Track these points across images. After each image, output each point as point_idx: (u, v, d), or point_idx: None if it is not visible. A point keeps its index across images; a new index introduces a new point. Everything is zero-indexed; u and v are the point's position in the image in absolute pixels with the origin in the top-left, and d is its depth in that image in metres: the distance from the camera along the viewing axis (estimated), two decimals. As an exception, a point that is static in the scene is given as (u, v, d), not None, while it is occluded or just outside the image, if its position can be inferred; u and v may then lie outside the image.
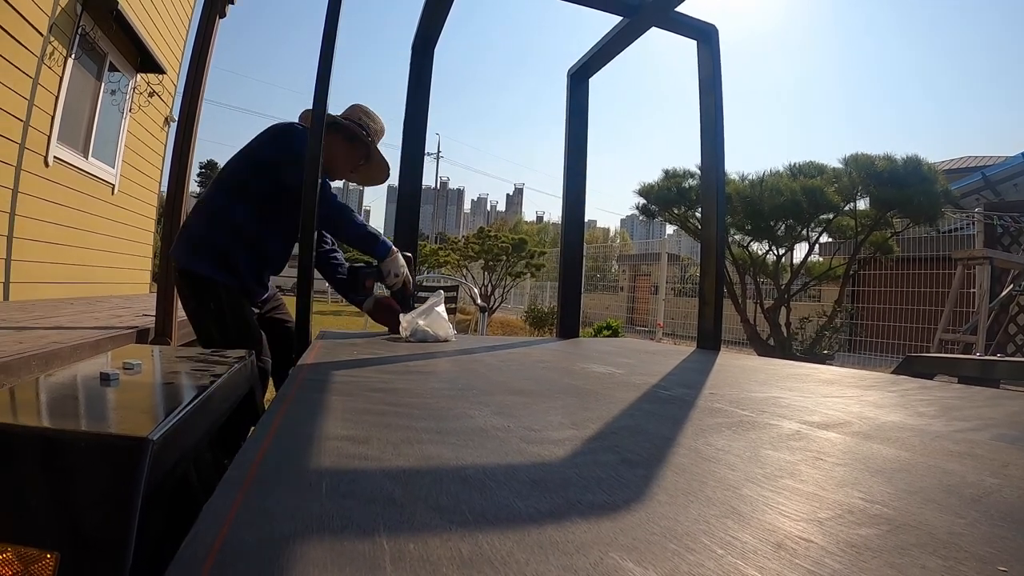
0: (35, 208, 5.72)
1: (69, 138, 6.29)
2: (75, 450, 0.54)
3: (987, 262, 6.64)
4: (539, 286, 18.43)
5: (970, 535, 0.53)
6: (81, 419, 0.64)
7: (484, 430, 0.85)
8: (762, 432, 0.93)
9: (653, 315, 14.10)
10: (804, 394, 1.39)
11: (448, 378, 1.40)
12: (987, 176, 10.94)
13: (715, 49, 2.86)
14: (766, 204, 7.36)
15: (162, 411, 0.65)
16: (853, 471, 0.73)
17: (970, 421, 1.11)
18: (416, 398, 1.10)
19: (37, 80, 5.50)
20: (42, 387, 0.78)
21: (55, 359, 2.66)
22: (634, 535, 0.49)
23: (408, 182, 2.73)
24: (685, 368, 1.89)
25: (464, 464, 0.69)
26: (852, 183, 7.35)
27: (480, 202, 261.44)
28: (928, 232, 9.37)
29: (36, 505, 0.53)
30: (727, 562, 0.44)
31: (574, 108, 3.26)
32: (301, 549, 0.43)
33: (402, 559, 0.42)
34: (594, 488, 0.61)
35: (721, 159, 2.84)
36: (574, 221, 3.26)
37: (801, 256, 8.25)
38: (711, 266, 2.83)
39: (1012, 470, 0.76)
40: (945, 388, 1.65)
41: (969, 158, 18.55)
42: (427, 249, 18.31)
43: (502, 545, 0.46)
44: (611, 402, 1.17)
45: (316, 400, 1.02)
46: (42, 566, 0.51)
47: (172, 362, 1.07)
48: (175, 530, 0.52)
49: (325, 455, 0.68)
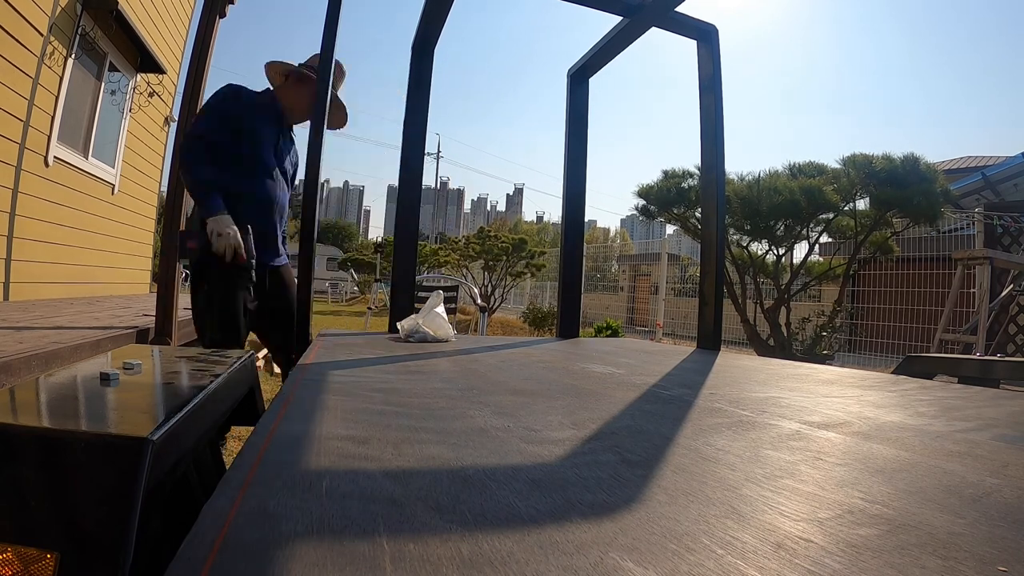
0: (35, 208, 5.72)
1: (69, 138, 6.29)
2: (75, 450, 0.54)
3: (987, 262, 6.64)
4: (539, 286, 18.44)
5: (970, 535, 0.53)
6: (81, 419, 0.64)
7: (484, 430, 0.85)
8: (762, 432, 0.93)
9: (653, 315, 14.09)
10: (804, 394, 1.39)
11: (448, 378, 1.40)
12: (987, 176, 10.94)
13: (715, 49, 2.86)
14: (764, 204, 7.36)
15: (162, 411, 0.65)
16: (853, 471, 0.73)
17: (970, 421, 1.11)
18: (416, 398, 1.10)
19: (37, 80, 5.50)
20: (42, 387, 0.78)
21: (55, 359, 2.66)
22: (634, 535, 0.49)
23: (408, 182, 2.72)
24: (685, 368, 1.89)
25: (464, 464, 0.69)
26: (851, 183, 7.35)
27: (480, 202, 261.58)
28: (928, 232, 9.37)
29: (36, 505, 0.53)
30: (727, 562, 0.45)
31: (574, 108, 3.26)
32: (301, 549, 0.44)
33: (402, 559, 0.42)
34: (594, 488, 0.61)
35: (721, 159, 2.84)
36: (574, 221, 3.26)
37: (801, 256, 8.25)
38: (711, 266, 2.83)
39: (1012, 470, 0.76)
40: (945, 388, 1.65)
41: (969, 158, 18.56)
42: (427, 249, 18.33)
43: (502, 545, 0.46)
44: (611, 402, 1.17)
45: (316, 400, 1.02)
46: (42, 566, 0.51)
47: (172, 362, 1.07)
48: (175, 530, 0.52)
49: (325, 455, 0.68)
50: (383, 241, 16.07)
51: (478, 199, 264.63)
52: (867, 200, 7.66)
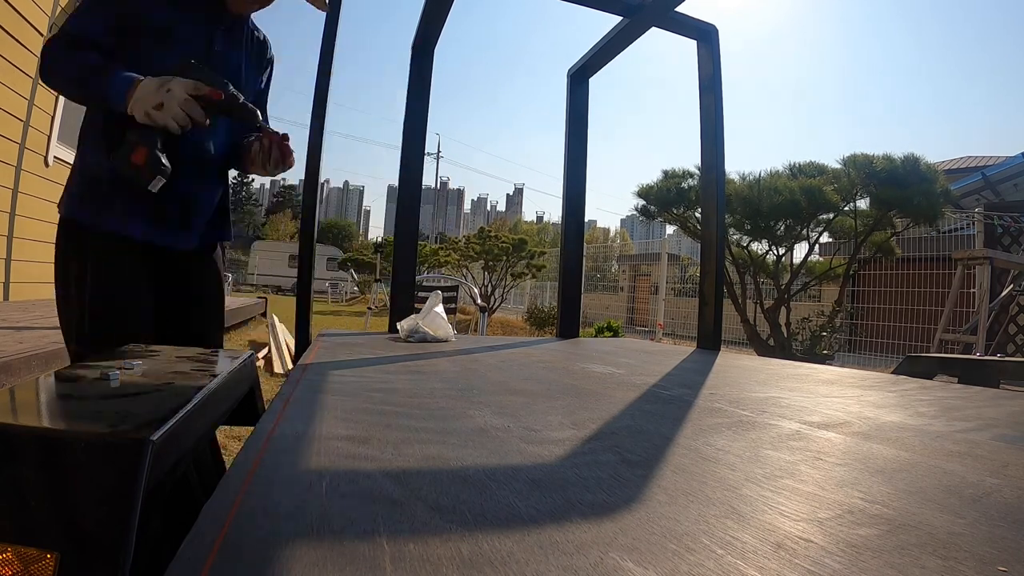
0: (35, 208, 5.72)
1: (69, 138, 6.28)
2: (75, 450, 0.54)
3: (987, 262, 6.65)
4: (539, 286, 18.44)
5: (970, 535, 0.53)
6: (81, 419, 0.64)
7: (484, 430, 0.85)
8: (762, 432, 0.93)
9: (653, 315, 14.09)
10: (804, 394, 1.39)
11: (448, 378, 1.40)
12: (987, 176, 10.94)
13: (715, 49, 2.86)
14: (765, 203, 7.36)
15: (162, 411, 0.65)
16: (853, 471, 0.73)
17: (970, 421, 1.11)
18: (416, 398, 1.10)
19: (37, 79, 5.50)
20: (42, 387, 0.78)
21: (56, 359, 2.66)
22: (634, 535, 0.49)
23: (408, 182, 2.72)
24: (685, 368, 1.89)
25: (464, 464, 0.69)
26: (851, 183, 7.36)
27: (480, 202, 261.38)
28: (928, 232, 9.38)
29: (36, 505, 0.53)
30: (727, 562, 0.45)
31: (574, 108, 3.26)
32: (301, 549, 0.44)
33: (402, 559, 0.42)
34: (594, 488, 0.61)
35: (721, 159, 2.84)
36: (574, 221, 3.26)
37: (801, 256, 8.26)
38: (711, 266, 2.83)
39: (1012, 470, 0.76)
40: (945, 388, 1.66)
41: (969, 158, 18.56)
42: (427, 249, 18.32)
43: (502, 545, 0.46)
44: (611, 402, 1.17)
45: (316, 400, 1.02)
46: (42, 566, 0.51)
47: (172, 362, 1.07)
48: (175, 530, 0.52)
49: (325, 455, 0.68)
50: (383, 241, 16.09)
51: (478, 199, 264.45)
52: (867, 200, 7.68)
